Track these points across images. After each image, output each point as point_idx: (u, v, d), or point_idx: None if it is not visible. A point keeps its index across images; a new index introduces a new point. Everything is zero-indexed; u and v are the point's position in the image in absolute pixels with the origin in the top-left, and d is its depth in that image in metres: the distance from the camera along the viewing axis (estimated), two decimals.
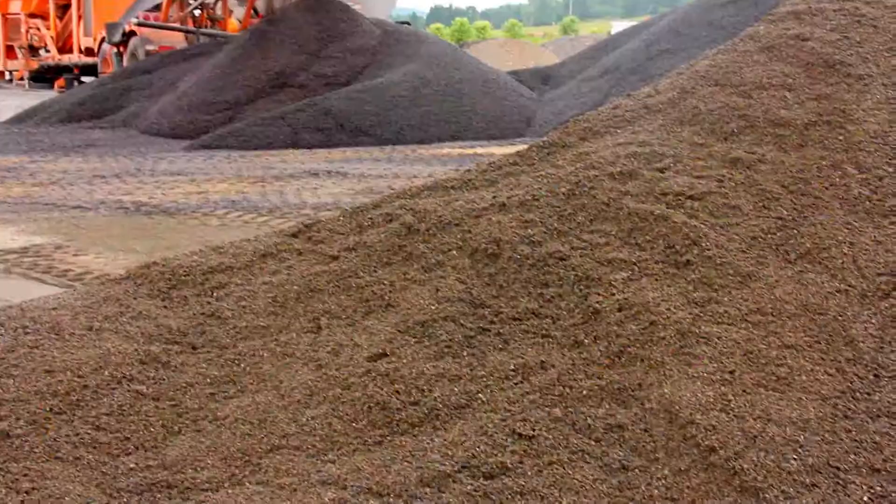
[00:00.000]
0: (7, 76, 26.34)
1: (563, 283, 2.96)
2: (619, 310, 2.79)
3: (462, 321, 2.91)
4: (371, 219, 3.52)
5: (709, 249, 2.94)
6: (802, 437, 2.31)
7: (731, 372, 2.52)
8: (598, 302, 2.85)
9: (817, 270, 2.88)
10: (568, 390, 2.60)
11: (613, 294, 2.85)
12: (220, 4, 20.51)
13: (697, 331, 2.67)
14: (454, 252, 3.19)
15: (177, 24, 18.40)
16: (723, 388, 2.47)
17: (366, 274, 3.21)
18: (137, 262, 5.39)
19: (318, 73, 13.38)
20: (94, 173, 9.27)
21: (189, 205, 7.59)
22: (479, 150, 11.39)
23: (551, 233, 3.15)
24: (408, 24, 24.21)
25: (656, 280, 2.88)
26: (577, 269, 2.98)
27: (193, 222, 6.92)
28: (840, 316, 2.72)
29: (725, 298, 2.78)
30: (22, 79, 25.34)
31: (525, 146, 3.90)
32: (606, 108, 3.91)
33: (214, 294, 3.25)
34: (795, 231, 3.03)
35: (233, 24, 20.79)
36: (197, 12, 19.89)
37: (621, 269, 2.94)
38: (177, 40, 17.96)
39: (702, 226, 3.02)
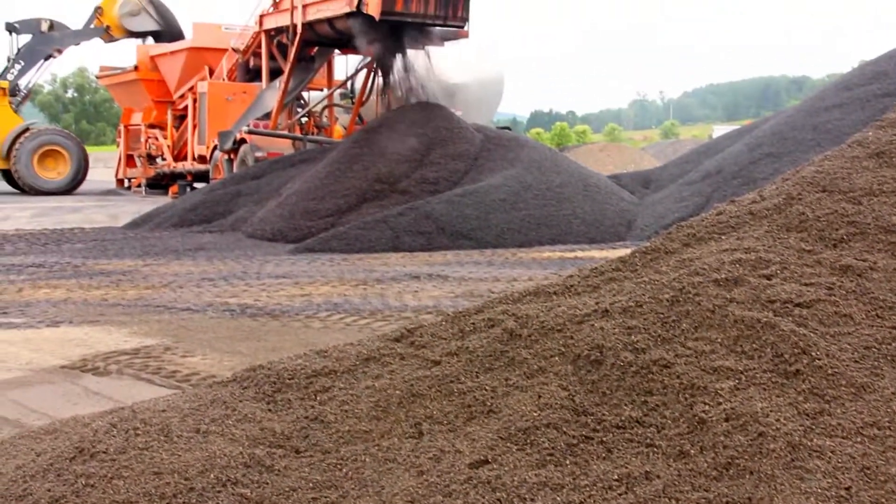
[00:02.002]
0: (126, 183, 27.57)
1: (668, 391, 2.91)
2: (727, 420, 2.72)
3: (565, 429, 2.87)
4: (473, 324, 3.53)
5: (819, 359, 2.85)
6: None
7: (847, 488, 2.42)
8: (704, 411, 2.78)
9: None
10: (674, 502, 2.53)
11: (720, 403, 2.78)
12: (326, 112, 21.25)
13: (809, 443, 2.57)
14: (556, 358, 3.17)
15: (285, 132, 19.08)
16: None
17: (468, 379, 3.21)
18: (242, 363, 5.51)
19: (420, 178, 13.63)
20: (203, 276, 9.55)
21: (293, 307, 7.74)
22: (580, 254, 11.37)
23: (655, 340, 3.11)
24: (508, 128, 24.64)
25: (764, 390, 2.80)
26: (681, 378, 2.93)
27: (297, 324, 7.05)
28: None
29: (838, 410, 2.68)
30: (140, 186, 26.49)
31: (627, 251, 3.89)
32: (710, 213, 3.88)
33: (318, 398, 3.29)
34: None
35: (338, 130, 21.47)
36: (304, 120, 20.64)
37: (728, 377, 2.87)
38: (285, 147, 18.58)
39: (811, 334, 2.94)
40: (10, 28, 25.60)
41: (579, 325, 3.27)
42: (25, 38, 26.09)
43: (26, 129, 25.69)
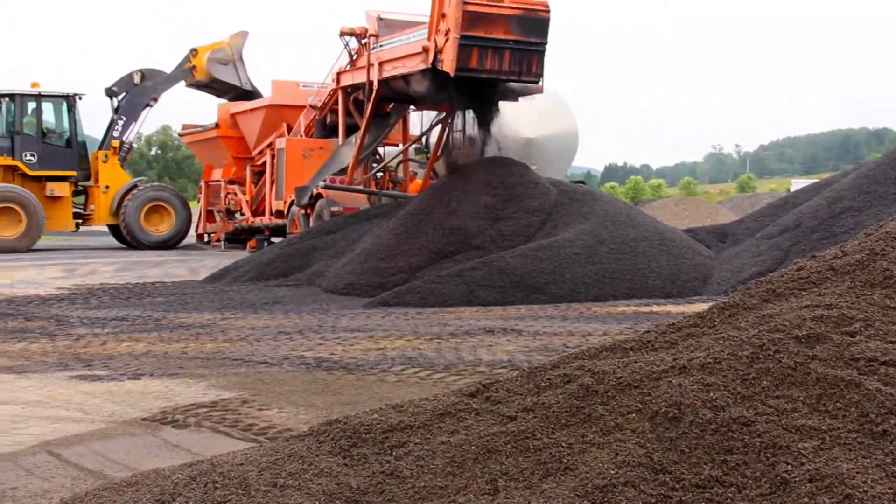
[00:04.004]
0: (205, 238, 28.16)
1: (749, 450, 2.85)
2: (811, 481, 2.65)
3: (642, 487, 2.83)
4: (549, 379, 3.52)
5: None
6: None
7: None
8: (787, 472, 2.72)
9: None
10: None
11: (803, 464, 2.72)
12: (401, 167, 21.49)
13: None
14: (634, 415, 3.13)
15: (360, 187, 19.34)
16: None
17: (543, 435, 3.18)
18: (318, 417, 5.55)
19: (495, 233, 13.66)
20: (280, 330, 9.67)
21: (368, 361, 7.78)
22: (656, 309, 11.25)
23: (735, 397, 3.05)
24: (582, 182, 24.62)
25: (850, 450, 2.73)
26: (763, 436, 2.87)
27: (371, 378, 7.08)
28: None
29: None
30: (219, 240, 27.03)
31: (704, 306, 3.84)
32: (790, 269, 3.83)
33: (394, 453, 3.29)
34: None
35: (415, 184, 21.69)
36: (379, 175, 20.90)
37: (811, 437, 2.81)
38: (360, 201, 18.82)
39: None
40: (110, 93, 26.66)
41: (657, 382, 3.23)
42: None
43: (134, 186, 26.59)
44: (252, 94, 26.60)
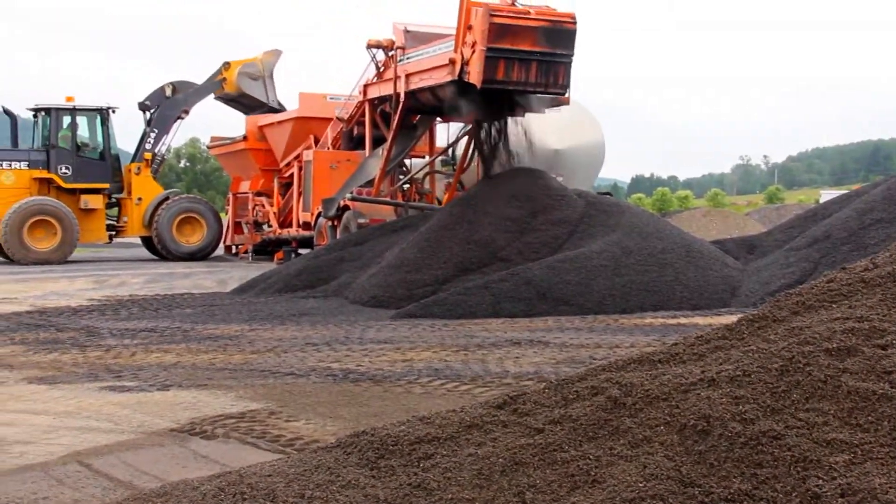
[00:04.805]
0: (233, 249, 28.33)
1: (779, 463, 2.83)
2: (842, 496, 2.63)
3: (671, 500, 2.81)
4: (576, 391, 3.51)
5: None
6: None
7: None
8: (818, 486, 2.69)
9: None
10: None
11: (835, 478, 2.69)
12: (428, 179, 21.53)
13: None
14: (662, 428, 3.12)
15: (387, 199, 19.38)
16: None
17: (571, 448, 3.18)
18: (345, 428, 5.55)
19: (521, 245, 13.64)
20: (307, 341, 9.70)
21: (394, 372, 7.79)
22: (683, 321, 11.18)
23: (764, 410, 3.03)
24: (609, 194, 24.54)
25: (882, 464, 2.70)
26: (793, 450, 2.85)
27: (398, 390, 7.09)
28: None
29: None
30: (246, 252, 27.18)
31: (732, 318, 3.82)
32: (820, 281, 3.80)
33: (421, 465, 3.29)
34: None
35: (440, 196, 21.72)
36: (406, 186, 20.95)
37: (842, 451, 2.78)
38: (387, 213, 18.87)
39: None
40: (143, 107, 27.00)
41: (685, 394, 3.22)
42: None
43: (167, 198, 26.85)
44: (278, 113, 26.81)
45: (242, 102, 27.69)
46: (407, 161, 21.61)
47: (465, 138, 19.38)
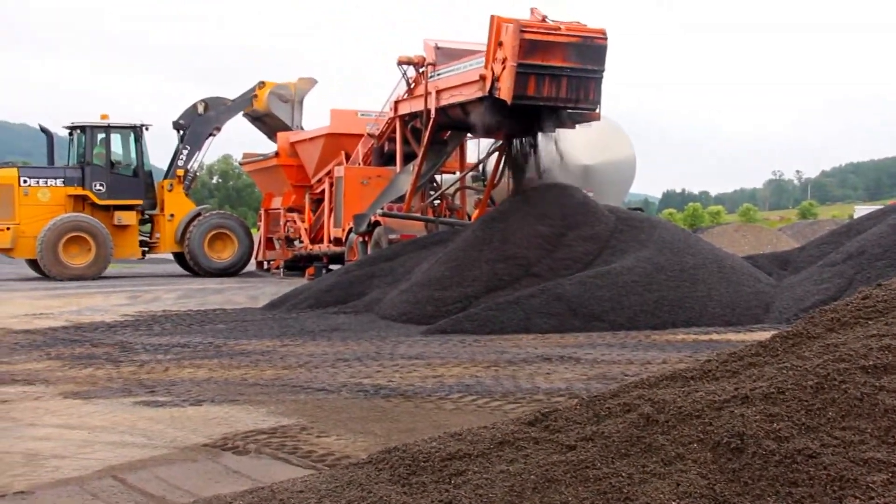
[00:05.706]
0: (265, 265, 28.48)
1: (815, 482, 2.80)
2: None
3: None
4: (608, 408, 3.49)
5: None
6: None
7: None
8: None
9: None
10: None
11: (872, 498, 2.66)
12: (458, 194, 21.55)
13: None
14: (695, 445, 3.10)
15: (418, 214, 19.42)
16: None
17: (603, 465, 3.16)
18: (376, 444, 5.56)
19: (552, 261, 13.60)
20: (338, 357, 9.72)
21: (425, 388, 7.79)
22: (715, 337, 11.10)
23: (799, 428, 3.00)
24: (640, 209, 24.46)
25: None
26: (829, 469, 2.82)
27: (429, 406, 7.08)
28: None
29: None
30: (278, 268, 27.33)
31: (765, 334, 3.79)
32: (855, 297, 3.76)
33: (452, 481, 3.29)
34: None
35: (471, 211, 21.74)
36: (437, 202, 20.98)
37: (879, 470, 2.75)
38: (418, 229, 18.89)
39: None
40: (177, 126, 27.34)
41: (718, 412, 3.19)
42: None
43: (199, 214, 27.11)
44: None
45: (267, 123, 27.96)
46: (437, 177, 21.67)
47: (496, 154, 19.39)
